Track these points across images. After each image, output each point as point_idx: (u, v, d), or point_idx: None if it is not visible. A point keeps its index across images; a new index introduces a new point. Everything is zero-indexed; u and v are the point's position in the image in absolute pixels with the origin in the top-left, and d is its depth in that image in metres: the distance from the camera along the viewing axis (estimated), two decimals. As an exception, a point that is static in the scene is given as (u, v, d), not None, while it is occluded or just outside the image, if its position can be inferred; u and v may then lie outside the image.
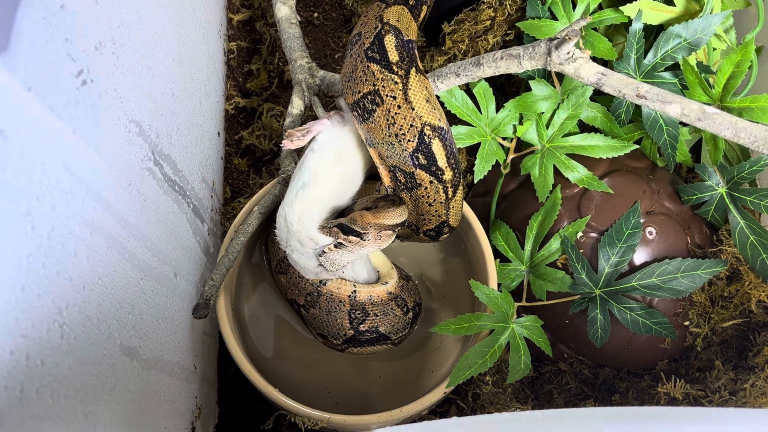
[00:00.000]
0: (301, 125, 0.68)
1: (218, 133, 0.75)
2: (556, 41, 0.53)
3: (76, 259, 0.39)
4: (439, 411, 0.69)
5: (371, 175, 0.66)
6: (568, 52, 0.53)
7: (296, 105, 0.70)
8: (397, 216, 0.60)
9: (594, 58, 0.67)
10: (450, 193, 0.62)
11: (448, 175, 0.60)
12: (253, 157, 0.79)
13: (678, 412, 0.38)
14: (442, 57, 0.75)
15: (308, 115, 0.72)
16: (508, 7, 0.71)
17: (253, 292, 0.70)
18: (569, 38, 0.52)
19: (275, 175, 0.77)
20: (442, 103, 0.67)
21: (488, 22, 0.72)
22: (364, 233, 0.58)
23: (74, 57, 0.38)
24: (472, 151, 0.71)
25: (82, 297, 0.39)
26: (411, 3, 0.66)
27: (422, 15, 0.67)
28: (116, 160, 0.45)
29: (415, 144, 0.59)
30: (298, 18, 0.76)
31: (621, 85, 0.52)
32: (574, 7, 0.68)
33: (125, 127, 0.46)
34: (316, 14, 0.86)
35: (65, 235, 0.37)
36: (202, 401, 0.64)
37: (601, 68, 0.53)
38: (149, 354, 0.50)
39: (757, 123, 0.48)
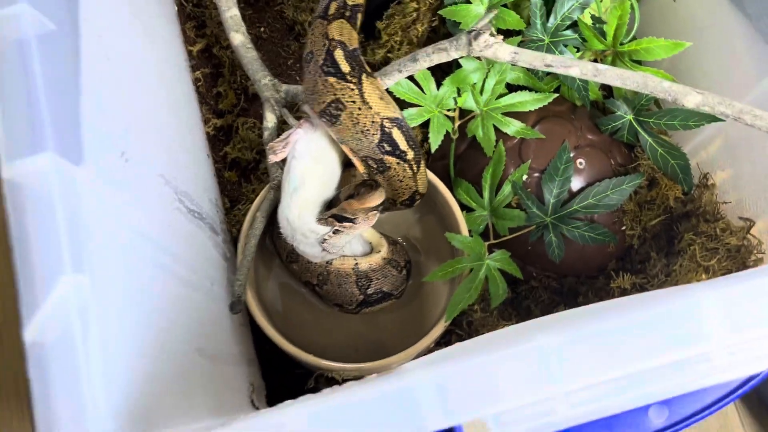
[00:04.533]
0: (278, 136, 0.80)
1: (207, 155, 0.87)
2: (473, 33, 0.66)
3: (153, 294, 0.51)
4: (443, 341, 0.84)
5: (345, 165, 0.79)
6: (485, 41, 0.65)
7: (269, 119, 0.82)
8: (377, 197, 0.73)
9: (507, 30, 0.80)
10: (415, 168, 0.75)
11: (410, 154, 0.73)
12: (239, 168, 0.91)
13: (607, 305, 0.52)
14: (381, 49, 0.87)
15: (282, 126, 0.83)
16: (428, -3, 0.82)
17: (269, 281, 0.84)
18: (483, 31, 0.64)
19: (263, 180, 0.89)
20: (392, 95, 0.79)
21: (414, 14, 0.84)
22: (355, 218, 0.71)
23: (117, 144, 0.50)
24: (425, 125, 0.84)
25: (165, 320, 0.52)
26: (347, 15, 0.77)
27: (359, 22, 0.79)
28: (156, 208, 0.57)
29: (378, 136, 0.71)
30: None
31: (531, 59, 0.65)
32: (484, -13, 0.80)
33: (155, 181, 0.58)
34: (262, 29, 0.97)
35: (144, 281, 0.50)
36: (252, 379, 0.78)
37: (514, 48, 0.66)
38: (211, 351, 0.63)
39: (637, 71, 0.62)
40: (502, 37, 0.67)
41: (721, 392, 0.50)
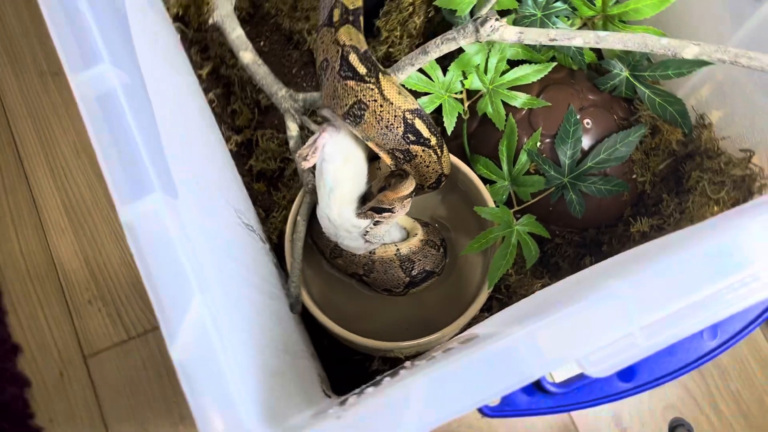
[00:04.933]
0: (303, 143, 0.85)
1: (237, 172, 0.91)
2: (479, 20, 0.71)
3: (244, 304, 0.56)
4: (485, 307, 0.90)
5: (369, 159, 0.84)
6: (491, 26, 0.71)
7: (292, 129, 0.86)
8: (409, 186, 0.78)
9: (500, 11, 0.85)
10: (439, 152, 0.80)
11: (433, 140, 0.78)
12: (266, 178, 0.95)
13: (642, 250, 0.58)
14: (383, 46, 0.92)
15: (305, 134, 0.88)
16: (422, -10, 0.87)
17: (316, 278, 0.89)
18: (489, 18, 0.70)
19: (291, 186, 0.93)
20: (405, 88, 0.84)
21: (410, 8, 0.88)
22: (392, 207, 0.76)
23: (191, 174, 0.55)
24: (437, 111, 0.89)
25: (258, 326, 0.57)
26: (351, 19, 0.81)
27: (362, 24, 0.83)
28: (227, 226, 0.61)
29: (402, 128, 0.76)
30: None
31: (536, 36, 0.71)
32: (473, -26, 0.85)
33: (220, 202, 0.62)
34: (261, 43, 1.00)
35: (236, 293, 0.55)
36: (318, 371, 0.83)
37: (519, 28, 0.71)
38: (290, 348, 0.69)
39: (635, 33, 0.68)
40: (505, 20, 0.72)
41: (759, 309, 0.57)
